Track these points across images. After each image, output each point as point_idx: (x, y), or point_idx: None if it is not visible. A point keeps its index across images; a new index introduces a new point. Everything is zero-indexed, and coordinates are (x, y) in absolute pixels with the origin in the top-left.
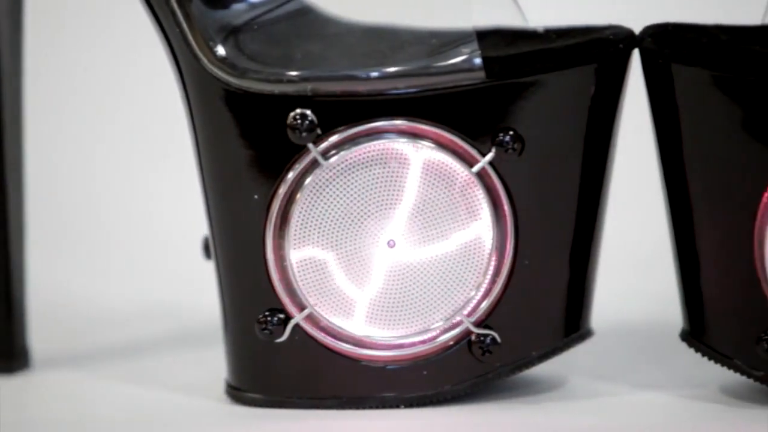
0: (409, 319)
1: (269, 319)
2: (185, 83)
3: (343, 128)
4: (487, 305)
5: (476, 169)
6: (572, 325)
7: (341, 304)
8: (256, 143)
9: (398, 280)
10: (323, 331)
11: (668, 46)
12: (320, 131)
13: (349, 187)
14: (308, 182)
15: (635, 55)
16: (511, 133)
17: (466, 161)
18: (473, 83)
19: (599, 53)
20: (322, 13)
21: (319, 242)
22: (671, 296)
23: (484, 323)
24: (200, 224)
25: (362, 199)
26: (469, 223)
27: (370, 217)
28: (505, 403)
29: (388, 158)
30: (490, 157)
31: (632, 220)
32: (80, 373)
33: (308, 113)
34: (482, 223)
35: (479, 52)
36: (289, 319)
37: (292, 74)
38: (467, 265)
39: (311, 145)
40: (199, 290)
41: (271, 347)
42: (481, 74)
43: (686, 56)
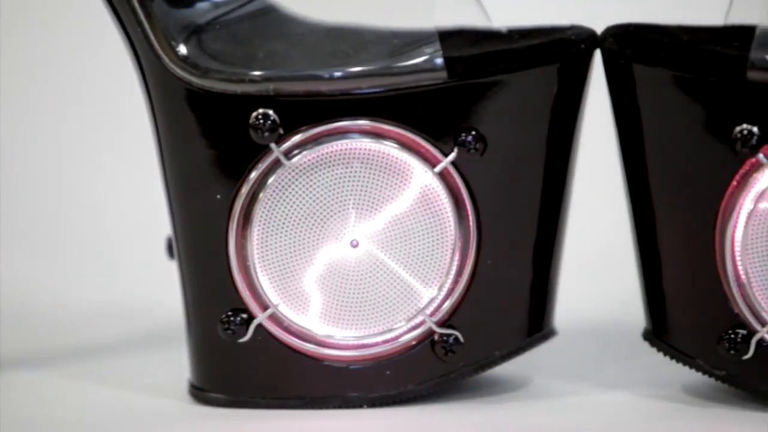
0: (371, 319)
1: (232, 319)
2: (147, 83)
3: (305, 128)
4: (449, 305)
5: (438, 169)
6: (535, 324)
7: (304, 303)
8: (218, 143)
9: (361, 280)
10: (286, 330)
11: (629, 46)
12: (283, 131)
13: (312, 186)
14: (271, 182)
15: (597, 55)
16: (473, 133)
17: (428, 161)
18: (435, 83)
19: (561, 53)
20: (285, 12)
21: (282, 242)
22: (634, 296)
23: (447, 323)
24: (165, 224)
25: (325, 198)
26: (431, 223)
27: (333, 216)
28: (468, 402)
29: (350, 158)
30: (452, 157)
31: (595, 219)
32: (45, 373)
33: (270, 113)
34: (445, 223)
35: (441, 52)
36: (252, 319)
37: (254, 74)
38: (430, 265)
39: (273, 145)
40: (164, 290)
41: (234, 347)
42: (443, 74)
43: (647, 56)
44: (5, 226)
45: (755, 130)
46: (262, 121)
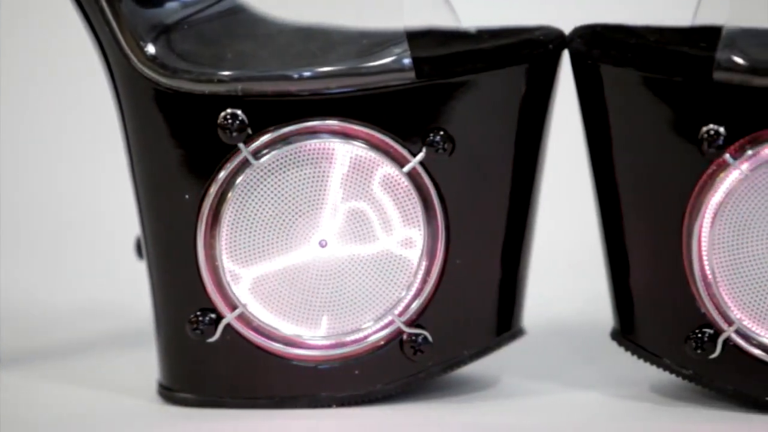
0: (340, 318)
1: (200, 318)
2: (116, 82)
3: (274, 128)
4: (418, 305)
5: (407, 169)
6: (504, 324)
7: (272, 303)
8: (186, 143)
9: (329, 279)
10: (255, 330)
11: (597, 47)
12: (251, 131)
13: (280, 186)
14: (239, 182)
15: (566, 55)
16: (441, 133)
17: (397, 161)
18: (404, 83)
19: (529, 54)
20: (253, 12)
21: (250, 242)
22: (603, 296)
23: (415, 323)
24: (134, 224)
25: (294, 198)
26: (399, 223)
27: (301, 216)
28: (437, 402)
29: (319, 158)
30: (420, 157)
31: (564, 219)
32: (14, 373)
33: (239, 113)
34: (413, 223)
35: (409, 52)
36: (220, 318)
37: (222, 74)
38: (398, 265)
39: (242, 144)
40: (133, 291)
41: (202, 347)
42: (411, 74)
43: (615, 57)
44: None
45: (721, 130)
46: (230, 121)
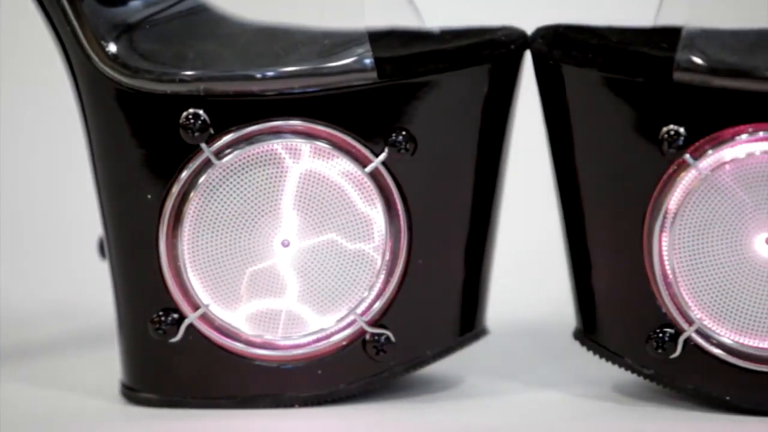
0: (302, 318)
1: (163, 318)
2: (77, 82)
3: (236, 128)
4: (380, 305)
5: (369, 169)
6: (467, 324)
7: (235, 303)
8: (148, 142)
9: (292, 279)
10: (217, 330)
11: (559, 47)
12: (213, 131)
13: (243, 186)
14: (202, 181)
15: (528, 56)
16: (404, 133)
17: (359, 161)
18: (366, 83)
19: (491, 54)
20: (216, 12)
21: (213, 242)
22: (566, 295)
23: (378, 322)
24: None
25: (256, 198)
26: (361, 223)
27: (264, 216)
28: (400, 402)
29: (281, 158)
30: (382, 157)
31: (527, 219)
32: None
33: (201, 113)
34: (375, 223)
35: (371, 52)
36: (183, 318)
37: (184, 74)
38: (361, 265)
39: (204, 144)
40: (96, 290)
41: (165, 347)
42: (373, 74)
43: (576, 57)
44: None
45: (682, 130)
46: (192, 121)
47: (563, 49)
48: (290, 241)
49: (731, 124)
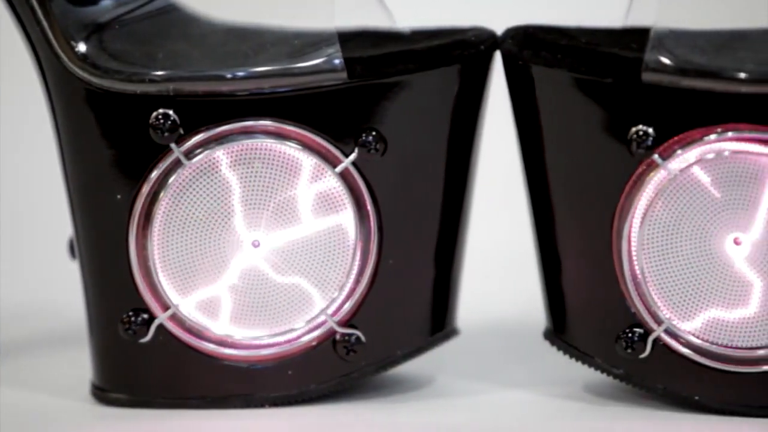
0: (272, 318)
1: (133, 319)
2: (47, 82)
3: (207, 128)
4: (351, 305)
5: (339, 169)
6: (438, 324)
7: (205, 303)
8: (118, 143)
9: (262, 280)
10: (187, 331)
11: (528, 47)
12: (183, 131)
13: (213, 186)
14: (171, 181)
15: (498, 56)
16: (374, 133)
17: (329, 162)
18: (336, 84)
19: (461, 55)
20: (186, 12)
21: (183, 242)
22: (536, 295)
23: (348, 322)
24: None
25: (226, 198)
26: (332, 224)
27: (234, 216)
28: (371, 402)
29: (252, 158)
30: (353, 157)
31: (497, 219)
32: None
33: (170, 113)
34: (346, 223)
35: (340, 52)
36: (153, 319)
37: (154, 74)
38: (331, 265)
39: (174, 145)
40: (67, 291)
41: (135, 347)
42: (343, 75)
43: (546, 58)
44: None
45: (650, 131)
46: (162, 121)
47: (533, 49)
48: (260, 241)
49: (700, 124)
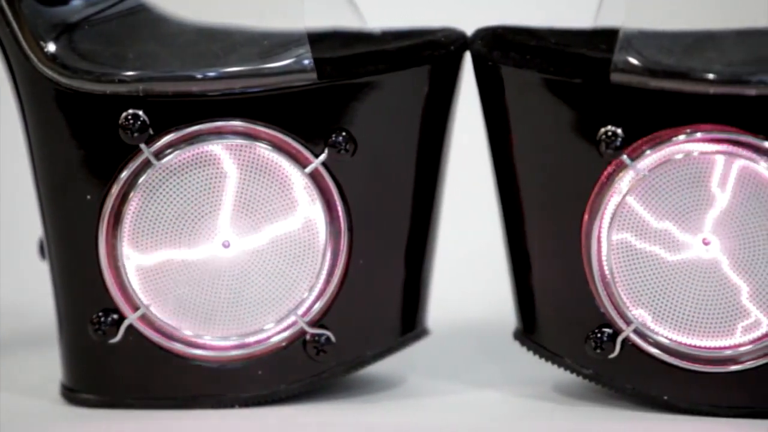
0: (242, 319)
1: (103, 319)
2: (17, 82)
3: (177, 128)
4: (321, 305)
5: (309, 170)
6: (408, 324)
7: (175, 303)
8: (88, 143)
9: (232, 280)
10: (157, 331)
11: (498, 48)
12: (153, 131)
13: (183, 187)
14: (141, 182)
15: (468, 57)
16: (344, 134)
17: (299, 162)
18: (306, 84)
19: (431, 55)
20: (156, 12)
21: (153, 242)
22: (507, 296)
23: (318, 323)
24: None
25: (196, 199)
26: (303, 224)
27: (204, 217)
28: (341, 402)
29: (222, 159)
30: (322, 158)
31: (468, 219)
32: None
33: (140, 114)
34: (316, 224)
35: (310, 53)
36: (122, 319)
37: (124, 74)
38: (301, 266)
39: (143, 145)
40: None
41: (105, 347)
42: (312, 75)
43: (515, 59)
44: None
45: (619, 131)
46: (131, 121)
47: (502, 50)
48: (230, 241)
49: (669, 125)
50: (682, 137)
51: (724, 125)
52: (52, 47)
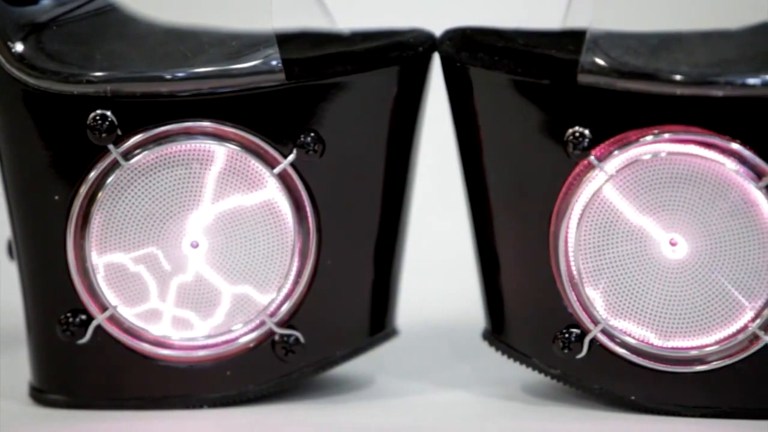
0: (211, 319)
1: (71, 320)
2: None
3: (145, 129)
4: (289, 306)
5: (277, 170)
6: (377, 324)
7: (144, 304)
8: (56, 143)
9: (201, 281)
10: (125, 332)
11: (466, 49)
12: (121, 132)
13: (151, 187)
14: (109, 182)
15: (436, 58)
16: (312, 134)
17: (268, 163)
18: (274, 85)
19: (399, 56)
20: (124, 12)
21: (121, 243)
22: (476, 296)
23: (287, 323)
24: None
25: (165, 199)
26: (270, 225)
27: (173, 217)
28: (310, 402)
29: (190, 159)
30: (291, 158)
31: (436, 220)
32: None
33: (108, 114)
34: (284, 225)
35: (278, 54)
36: (91, 320)
37: (92, 75)
38: (269, 266)
39: (111, 146)
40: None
41: (73, 348)
42: (281, 76)
43: (483, 60)
44: None
45: (587, 132)
46: (99, 122)
47: (470, 51)
48: (199, 242)
49: (637, 125)
50: (649, 138)
51: (691, 126)
52: (19, 47)
